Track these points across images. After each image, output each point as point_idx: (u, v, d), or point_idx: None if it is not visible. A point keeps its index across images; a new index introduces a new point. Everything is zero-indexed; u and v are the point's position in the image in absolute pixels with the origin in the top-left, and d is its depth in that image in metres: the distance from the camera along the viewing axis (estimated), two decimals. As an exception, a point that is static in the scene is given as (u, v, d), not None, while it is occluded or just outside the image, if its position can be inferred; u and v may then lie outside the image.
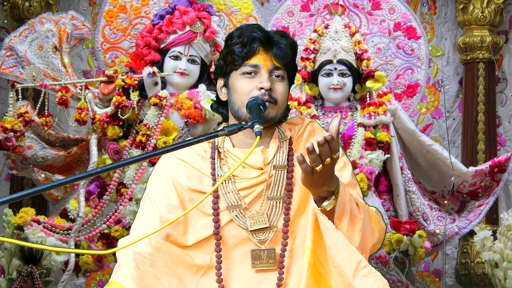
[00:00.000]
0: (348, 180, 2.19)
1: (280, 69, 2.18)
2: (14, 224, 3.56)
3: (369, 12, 4.13)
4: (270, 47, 2.18)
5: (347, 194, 2.03)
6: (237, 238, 2.16)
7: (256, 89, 2.15)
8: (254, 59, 2.17)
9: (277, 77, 2.18)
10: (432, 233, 3.92)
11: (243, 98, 2.15)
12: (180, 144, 1.90)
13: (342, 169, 2.21)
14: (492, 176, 3.94)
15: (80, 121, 3.61)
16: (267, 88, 2.14)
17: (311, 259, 2.08)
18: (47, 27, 3.72)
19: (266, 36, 2.18)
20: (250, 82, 2.16)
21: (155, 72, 3.66)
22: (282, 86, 2.18)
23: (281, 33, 2.23)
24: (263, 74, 2.16)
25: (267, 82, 2.14)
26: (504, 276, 3.47)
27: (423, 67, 4.12)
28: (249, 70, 2.17)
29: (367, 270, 2.00)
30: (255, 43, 2.16)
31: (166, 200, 2.18)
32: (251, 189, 2.18)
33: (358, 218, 2.04)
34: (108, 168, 1.81)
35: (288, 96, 2.24)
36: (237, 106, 2.18)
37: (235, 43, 2.18)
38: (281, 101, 2.18)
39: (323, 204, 2.02)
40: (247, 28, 2.20)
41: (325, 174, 1.96)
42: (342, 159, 2.23)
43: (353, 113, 3.97)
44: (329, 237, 2.02)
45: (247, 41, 2.16)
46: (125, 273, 2.05)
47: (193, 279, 2.15)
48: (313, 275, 2.08)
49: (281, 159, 2.20)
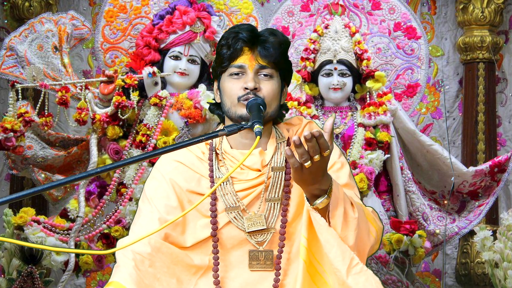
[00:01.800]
0: (345, 181, 2.18)
1: (266, 67, 2.17)
2: (14, 224, 3.56)
3: (369, 12, 4.13)
4: (255, 46, 2.17)
5: (341, 193, 2.02)
6: (235, 240, 2.17)
7: (242, 89, 2.15)
8: (239, 60, 2.17)
9: (265, 76, 2.17)
10: (432, 233, 3.92)
11: (231, 98, 2.16)
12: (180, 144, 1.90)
13: (340, 170, 2.20)
14: (492, 176, 3.94)
15: (80, 121, 3.61)
16: (251, 88, 2.14)
17: (307, 257, 2.08)
18: (47, 27, 3.72)
19: (251, 36, 2.17)
20: (236, 83, 2.17)
21: (155, 72, 3.66)
22: (270, 84, 2.17)
23: (270, 31, 2.22)
24: (249, 74, 2.16)
25: (251, 81, 2.14)
26: (504, 276, 3.47)
27: (423, 67, 4.12)
28: (235, 71, 2.17)
29: (359, 268, 2.00)
30: (239, 43, 2.17)
31: (165, 201, 2.18)
32: (249, 191, 2.18)
33: (352, 217, 2.03)
34: (108, 168, 1.81)
35: (279, 94, 2.22)
36: (226, 107, 2.19)
37: (222, 45, 2.20)
38: (269, 100, 2.16)
39: (315, 202, 2.01)
40: (233, 29, 2.21)
41: (315, 171, 1.95)
42: (340, 160, 2.22)
43: (353, 113, 3.97)
44: (321, 234, 2.02)
45: (232, 42, 2.17)
46: (125, 273, 2.05)
47: (191, 280, 2.16)
48: (309, 273, 2.08)
49: (279, 161, 2.19)
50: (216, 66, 2.23)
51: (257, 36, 2.19)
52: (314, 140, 1.89)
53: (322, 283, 2.08)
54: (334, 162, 2.20)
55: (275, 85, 2.19)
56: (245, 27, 2.20)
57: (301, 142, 1.90)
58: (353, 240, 2.03)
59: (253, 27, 2.22)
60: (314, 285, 2.08)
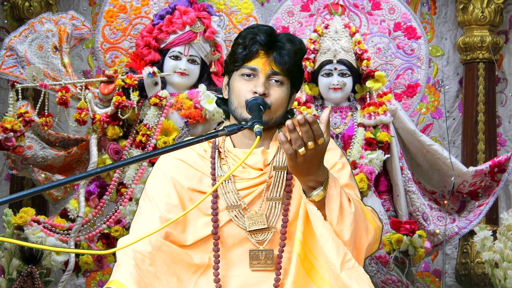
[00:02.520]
0: (346, 181, 2.18)
1: (279, 74, 2.16)
2: (14, 224, 3.56)
3: (369, 12, 4.13)
4: (271, 51, 2.16)
5: (338, 186, 2.01)
6: (236, 238, 2.17)
7: (251, 92, 2.15)
8: (253, 62, 2.16)
9: (276, 82, 2.16)
10: (432, 233, 3.92)
11: (239, 99, 2.16)
12: (180, 144, 1.90)
13: (341, 171, 2.20)
14: (492, 176, 3.94)
15: (80, 121, 3.61)
16: (261, 93, 2.13)
17: (301, 251, 2.08)
18: (47, 27, 3.72)
19: (269, 40, 2.16)
20: (246, 84, 2.16)
21: (155, 72, 3.66)
22: (280, 91, 2.16)
23: (288, 37, 2.20)
24: (260, 78, 2.15)
25: (261, 87, 2.13)
26: (504, 276, 3.47)
27: (423, 67, 4.12)
28: (247, 72, 2.16)
29: (352, 263, 2.00)
30: (256, 46, 2.15)
31: (166, 199, 2.18)
32: (250, 190, 2.18)
33: (348, 211, 2.02)
34: (108, 168, 1.81)
35: (287, 101, 2.21)
36: (233, 106, 2.19)
37: (239, 44, 2.18)
38: (276, 106, 2.16)
39: (311, 194, 2.01)
40: (253, 30, 2.19)
41: (310, 160, 1.94)
42: (341, 161, 2.22)
43: (353, 113, 3.97)
44: (317, 228, 2.02)
45: (249, 43, 2.16)
46: (125, 271, 2.06)
47: (191, 279, 2.16)
48: (304, 268, 2.08)
49: (281, 160, 2.20)
50: (229, 62, 2.22)
51: (275, 41, 2.17)
52: (308, 125, 1.89)
53: (319, 278, 2.08)
54: (335, 163, 2.20)
55: (284, 92, 2.18)
56: (264, 29, 2.18)
57: (294, 127, 1.90)
58: (349, 235, 2.02)
59: (272, 30, 2.20)
60: (310, 279, 2.08)
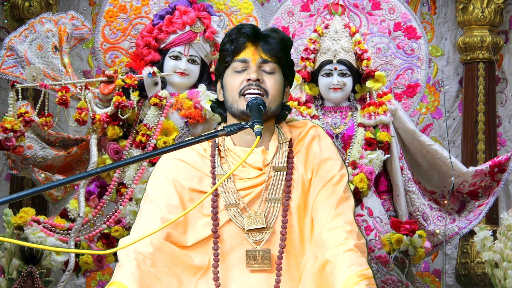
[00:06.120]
0: (340, 195, 2.17)
1: (269, 62, 2.20)
2: (14, 224, 3.55)
3: (369, 12, 4.13)
4: (257, 41, 2.21)
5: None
6: (235, 238, 2.17)
7: (245, 81, 2.17)
8: (243, 54, 2.20)
9: (268, 72, 2.20)
10: (432, 233, 3.92)
11: (234, 93, 2.18)
12: (180, 144, 1.90)
13: (338, 184, 2.19)
14: (492, 176, 3.94)
15: (80, 121, 3.61)
16: (254, 79, 2.16)
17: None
18: (47, 27, 3.72)
19: (254, 31, 2.22)
20: (239, 77, 2.19)
21: (155, 72, 3.66)
22: (273, 79, 2.20)
23: (272, 29, 2.29)
24: (251, 67, 2.18)
25: (254, 73, 2.17)
26: (504, 276, 3.47)
27: (423, 67, 4.12)
28: (239, 66, 2.19)
29: None
30: (242, 38, 2.20)
31: (167, 200, 2.18)
32: (250, 190, 2.18)
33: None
34: (108, 168, 1.82)
35: (282, 91, 2.24)
36: (229, 102, 2.21)
37: (225, 42, 2.24)
38: (273, 94, 2.19)
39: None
40: (237, 27, 2.26)
41: None
42: (339, 173, 2.21)
43: (353, 113, 3.96)
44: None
45: (235, 37, 2.21)
46: (127, 272, 2.06)
47: (191, 280, 2.16)
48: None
49: (280, 161, 2.20)
50: (219, 64, 2.26)
51: (260, 33, 2.23)
52: None
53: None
54: (334, 175, 2.20)
55: (278, 81, 2.21)
56: (248, 24, 2.25)
57: None
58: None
59: (256, 26, 2.27)
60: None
